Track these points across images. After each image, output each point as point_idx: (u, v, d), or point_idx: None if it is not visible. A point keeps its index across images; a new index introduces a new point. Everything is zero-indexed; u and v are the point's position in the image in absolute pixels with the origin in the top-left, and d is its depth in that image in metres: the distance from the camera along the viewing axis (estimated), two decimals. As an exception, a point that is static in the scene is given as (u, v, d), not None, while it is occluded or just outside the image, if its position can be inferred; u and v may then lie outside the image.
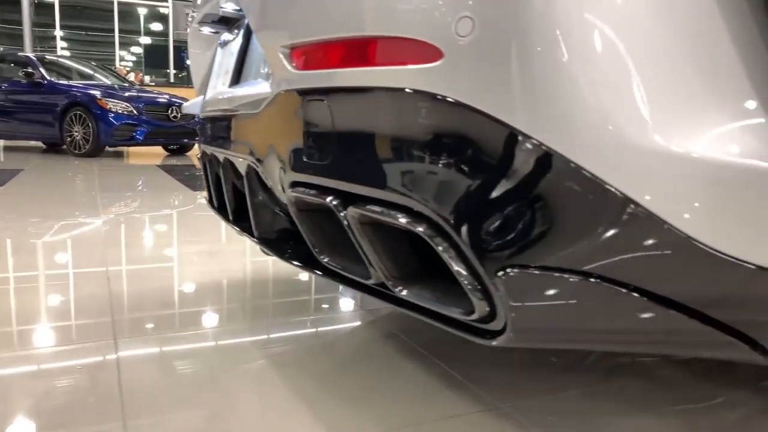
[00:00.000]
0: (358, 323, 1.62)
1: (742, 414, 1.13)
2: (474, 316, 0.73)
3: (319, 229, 0.98)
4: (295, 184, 0.95)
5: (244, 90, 1.20)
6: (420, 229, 0.73)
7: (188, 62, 1.71)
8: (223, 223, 3.04)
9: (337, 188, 0.86)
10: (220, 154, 1.37)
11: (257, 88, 1.10)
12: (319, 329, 1.55)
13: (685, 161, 0.64)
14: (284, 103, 0.97)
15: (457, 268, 0.71)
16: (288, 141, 0.96)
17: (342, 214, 0.84)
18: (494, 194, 0.68)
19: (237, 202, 1.39)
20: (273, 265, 2.22)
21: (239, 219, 1.40)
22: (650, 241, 0.66)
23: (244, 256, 2.38)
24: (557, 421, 1.09)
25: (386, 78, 0.77)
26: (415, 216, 0.75)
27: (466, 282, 0.71)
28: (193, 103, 1.66)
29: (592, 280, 0.67)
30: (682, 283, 0.68)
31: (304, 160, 0.91)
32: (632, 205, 0.65)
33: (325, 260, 0.97)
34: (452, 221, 0.70)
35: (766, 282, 0.67)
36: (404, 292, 0.82)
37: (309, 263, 1.07)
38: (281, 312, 1.70)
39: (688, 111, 0.65)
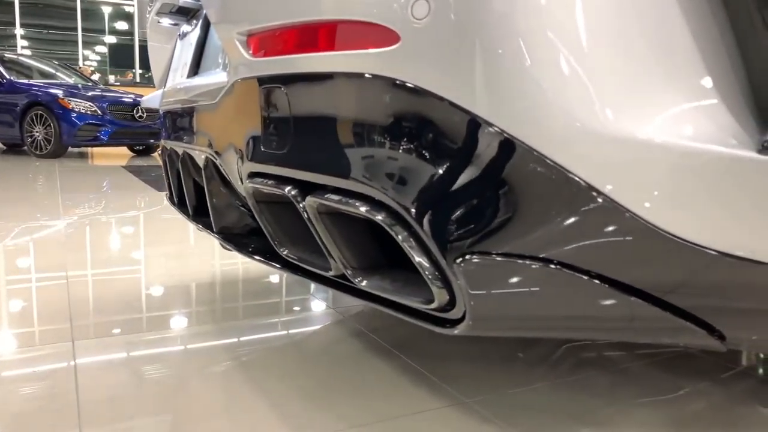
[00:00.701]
0: (326, 323, 1.59)
1: (704, 405, 1.14)
2: (434, 305, 0.71)
3: (279, 220, 0.95)
4: (253, 175, 0.92)
5: (201, 80, 1.17)
6: (379, 217, 0.72)
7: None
8: (191, 225, 2.98)
9: (295, 178, 0.84)
10: (179, 148, 1.34)
11: (214, 77, 1.07)
12: (287, 330, 1.52)
13: (644, 148, 0.64)
14: (241, 92, 0.94)
15: (417, 256, 0.69)
16: (245, 130, 0.93)
17: (301, 204, 0.82)
18: (454, 182, 0.67)
19: (197, 197, 1.36)
20: (242, 266, 2.18)
21: (199, 214, 1.36)
22: (611, 228, 0.65)
23: (212, 258, 2.33)
24: (523, 414, 1.08)
25: (344, 63, 0.75)
26: (375, 204, 0.73)
27: (425, 270, 0.69)
28: (152, 97, 1.61)
29: (552, 266, 0.66)
30: (642, 269, 0.67)
31: (262, 149, 0.88)
32: (593, 193, 0.64)
33: (285, 253, 0.95)
34: (411, 209, 0.69)
35: (724, 268, 0.67)
36: (364, 283, 0.80)
37: (270, 257, 1.05)
38: (250, 314, 1.66)
39: (647, 99, 0.65)
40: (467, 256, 0.66)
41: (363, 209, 0.74)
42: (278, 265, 1.01)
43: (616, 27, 0.65)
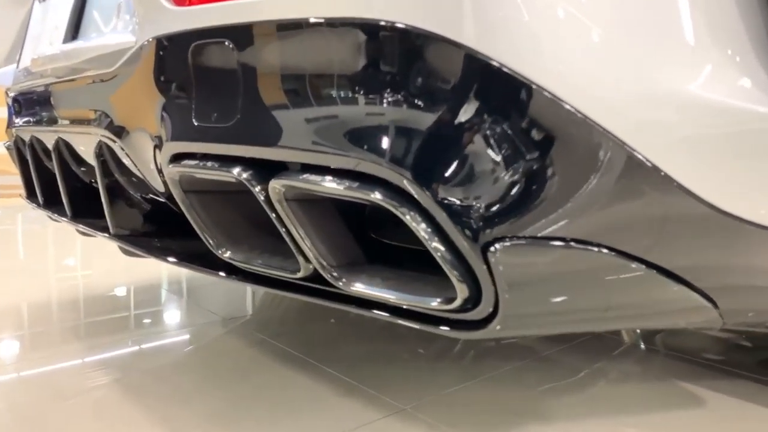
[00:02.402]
0: (218, 333, 1.37)
1: (603, 383, 1.15)
2: (455, 305, 0.58)
3: (215, 214, 0.76)
4: (179, 158, 0.72)
5: (89, 44, 0.92)
6: (377, 196, 0.56)
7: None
8: (20, 237, 2.55)
9: (247, 156, 0.65)
10: (50, 135, 1.06)
11: (111, 38, 0.84)
12: (173, 346, 1.30)
13: (683, 105, 0.56)
14: (158, 53, 0.73)
15: (434, 243, 0.55)
16: (165, 102, 0.73)
17: (257, 189, 0.64)
18: (474, 141, 0.54)
19: (75, 193, 1.09)
20: (83, 280, 1.88)
21: (81, 214, 1.10)
22: (663, 203, 0.56)
23: (46, 275, 1.98)
24: (465, 415, 0.99)
25: (313, 5, 0.59)
26: (366, 181, 0.58)
27: (446, 262, 0.55)
28: (3, 73, 1.29)
29: (604, 251, 0.56)
30: (684, 248, 0.60)
31: (195, 124, 0.69)
32: (640, 159, 0.55)
33: (227, 255, 0.75)
34: (420, 181, 0.54)
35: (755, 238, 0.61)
36: (354, 286, 0.63)
37: (199, 261, 0.84)
38: (119, 329, 1.40)
39: (680, 52, 0.58)
40: (501, 241, 0.54)
41: (352, 190, 0.58)
42: (218, 272, 0.80)
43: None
